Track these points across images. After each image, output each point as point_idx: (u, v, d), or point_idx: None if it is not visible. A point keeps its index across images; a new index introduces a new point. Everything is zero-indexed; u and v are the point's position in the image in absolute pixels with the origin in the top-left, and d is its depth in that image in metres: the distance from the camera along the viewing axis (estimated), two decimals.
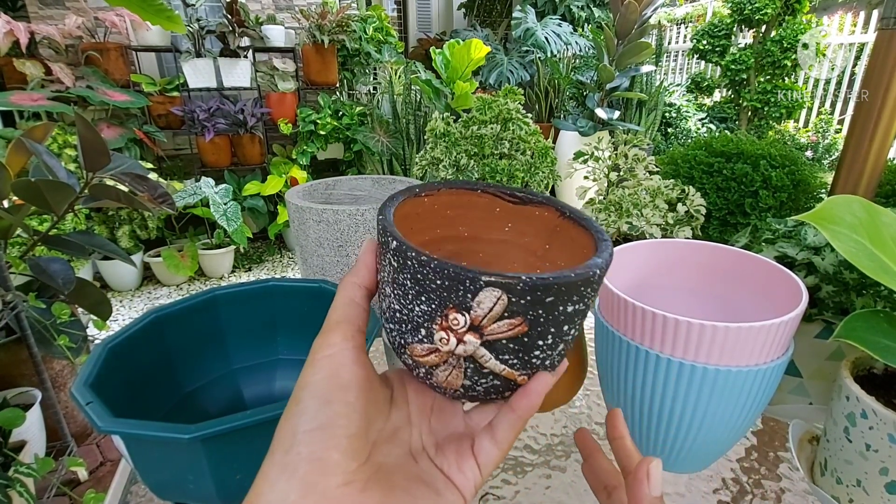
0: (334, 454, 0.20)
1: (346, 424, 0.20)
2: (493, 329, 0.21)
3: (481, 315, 0.21)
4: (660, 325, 0.37)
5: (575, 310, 0.22)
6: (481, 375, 0.23)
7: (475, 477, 0.24)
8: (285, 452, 0.20)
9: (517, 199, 0.29)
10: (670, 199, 0.70)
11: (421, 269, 0.21)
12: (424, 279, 0.21)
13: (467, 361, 0.22)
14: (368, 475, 0.20)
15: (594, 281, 0.22)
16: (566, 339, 0.23)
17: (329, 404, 0.21)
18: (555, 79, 3.45)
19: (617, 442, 0.30)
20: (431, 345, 0.22)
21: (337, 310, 0.24)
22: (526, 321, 0.21)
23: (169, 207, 1.01)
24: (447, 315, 0.21)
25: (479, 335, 0.21)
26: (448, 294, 0.21)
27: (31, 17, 2.79)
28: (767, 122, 4.02)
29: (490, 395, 0.24)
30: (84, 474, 0.96)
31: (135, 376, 0.46)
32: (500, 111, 0.68)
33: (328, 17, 2.92)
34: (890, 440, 0.35)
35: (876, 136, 0.64)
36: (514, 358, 0.22)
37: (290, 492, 0.19)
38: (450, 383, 0.23)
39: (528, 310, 0.21)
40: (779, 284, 0.42)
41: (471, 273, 0.20)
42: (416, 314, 0.22)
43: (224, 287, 0.55)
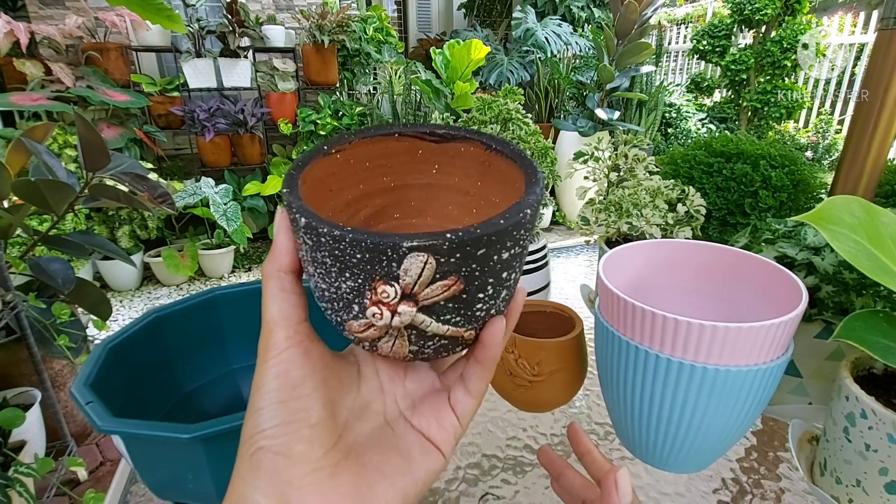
0: (297, 445, 0.20)
1: (306, 417, 0.21)
2: (428, 293, 0.20)
3: (411, 283, 0.19)
4: (660, 325, 0.37)
5: (511, 255, 0.21)
6: (426, 339, 0.22)
7: (455, 429, 0.24)
8: (250, 456, 0.20)
9: (438, 136, 0.27)
10: (670, 200, 0.70)
11: (337, 245, 0.19)
12: (343, 255, 0.19)
13: (408, 329, 0.21)
14: (338, 459, 0.21)
15: (526, 222, 0.21)
16: (507, 284, 0.22)
17: (284, 403, 0.21)
18: (555, 79, 3.45)
19: (586, 457, 0.31)
20: (367, 320, 0.21)
21: (270, 305, 0.23)
22: (461, 279, 0.20)
23: (169, 207, 1.01)
24: (375, 289, 0.20)
25: (413, 303, 0.20)
26: (372, 267, 0.19)
27: (31, 17, 2.79)
28: (767, 123, 4.02)
29: (441, 353, 0.23)
30: (84, 474, 0.96)
31: (135, 376, 0.46)
32: (500, 111, 0.68)
33: (328, 17, 2.92)
34: (889, 440, 0.35)
35: (876, 137, 0.64)
36: (457, 316, 0.21)
37: (259, 486, 0.19)
38: (396, 352, 0.22)
39: (461, 267, 0.19)
40: (779, 284, 0.42)
41: (390, 241, 0.18)
42: (343, 291, 0.21)
43: (224, 287, 0.55)
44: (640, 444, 0.44)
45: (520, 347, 0.49)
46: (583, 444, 0.31)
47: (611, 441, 0.52)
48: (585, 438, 0.31)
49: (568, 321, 0.54)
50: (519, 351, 0.49)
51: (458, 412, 0.24)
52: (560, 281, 0.93)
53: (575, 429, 0.32)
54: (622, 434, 0.47)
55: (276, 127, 2.98)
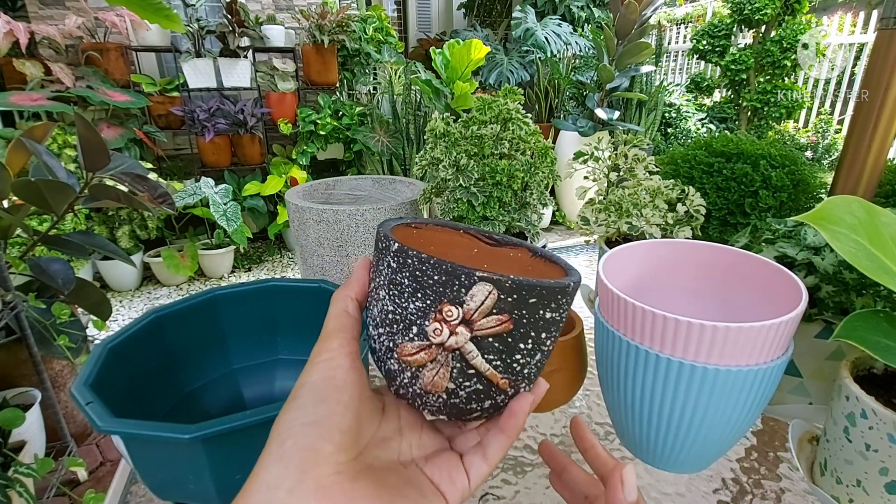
0: (327, 446, 0.21)
1: (340, 421, 0.22)
2: (483, 324, 0.23)
3: (473, 308, 0.22)
4: (660, 325, 0.37)
5: (552, 318, 0.24)
6: (466, 377, 0.24)
7: (464, 489, 0.25)
8: (281, 444, 0.21)
9: (494, 241, 0.32)
10: (670, 199, 0.70)
11: (420, 266, 0.23)
12: (423, 275, 0.23)
13: (454, 360, 0.23)
14: (359, 468, 0.22)
15: (568, 293, 0.24)
16: (543, 349, 0.25)
17: (324, 402, 0.22)
18: (555, 79, 3.45)
19: (589, 452, 0.31)
20: (422, 341, 0.23)
21: (332, 319, 0.25)
22: (512, 319, 0.23)
23: (169, 207, 1.01)
24: (441, 309, 0.23)
25: (469, 329, 0.23)
26: (444, 289, 0.22)
27: (31, 17, 2.79)
28: (767, 123, 4.02)
29: (471, 402, 0.25)
30: (84, 474, 0.96)
31: (135, 376, 0.46)
32: (500, 111, 0.68)
33: (328, 17, 2.92)
34: (890, 440, 0.35)
35: (876, 137, 0.64)
36: (498, 359, 0.24)
37: (285, 478, 0.20)
38: (435, 385, 0.24)
39: (514, 308, 0.23)
40: (779, 284, 0.42)
41: (466, 269, 0.22)
42: (410, 311, 0.23)
43: (224, 287, 0.55)
44: (641, 444, 0.44)
45: None
46: (586, 439, 0.31)
47: (611, 441, 0.52)
48: (589, 434, 0.31)
49: (568, 321, 0.54)
50: None
51: (471, 475, 0.25)
52: None
53: (578, 423, 0.32)
54: (622, 434, 0.47)
55: (276, 127, 2.98)
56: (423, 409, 0.26)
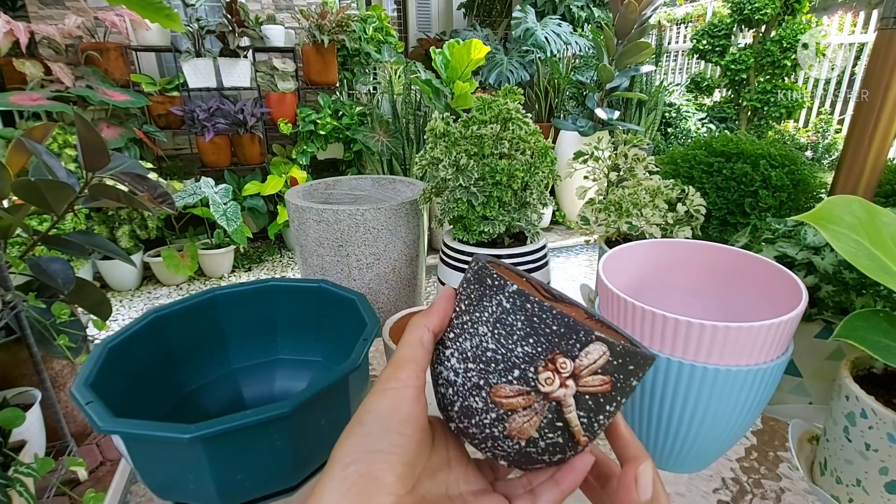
0: (389, 476, 0.21)
1: (402, 453, 0.22)
2: (588, 381, 0.23)
3: (585, 365, 0.23)
4: (660, 325, 0.37)
5: (635, 386, 0.25)
6: (553, 429, 0.24)
7: None
8: (344, 468, 0.21)
9: (552, 296, 0.33)
10: (670, 199, 0.70)
11: (539, 314, 0.23)
12: (541, 322, 0.23)
13: (550, 411, 0.23)
14: (416, 500, 0.22)
15: (650, 365, 0.25)
16: (617, 410, 0.25)
17: (389, 432, 0.22)
18: (554, 79, 3.45)
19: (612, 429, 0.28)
20: (522, 386, 0.23)
21: (405, 347, 0.25)
22: (611, 382, 0.23)
23: (169, 207, 1.01)
24: (555, 359, 0.23)
25: (576, 384, 0.23)
26: (559, 340, 0.23)
27: (30, 17, 2.79)
28: (767, 122, 4.02)
29: (545, 454, 0.25)
30: (84, 474, 0.96)
31: (135, 376, 0.46)
32: (500, 111, 0.68)
33: (328, 16, 2.91)
34: (889, 440, 0.35)
35: (876, 136, 0.64)
36: (587, 417, 0.24)
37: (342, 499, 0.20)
38: (521, 431, 0.24)
39: (615, 371, 0.23)
40: (778, 284, 0.42)
41: (586, 327, 0.23)
42: (516, 354, 0.23)
43: (224, 287, 0.55)
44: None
45: None
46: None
47: None
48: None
49: None
50: None
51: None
52: (560, 281, 0.93)
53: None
54: None
55: (276, 127, 2.98)
56: (488, 451, 0.25)
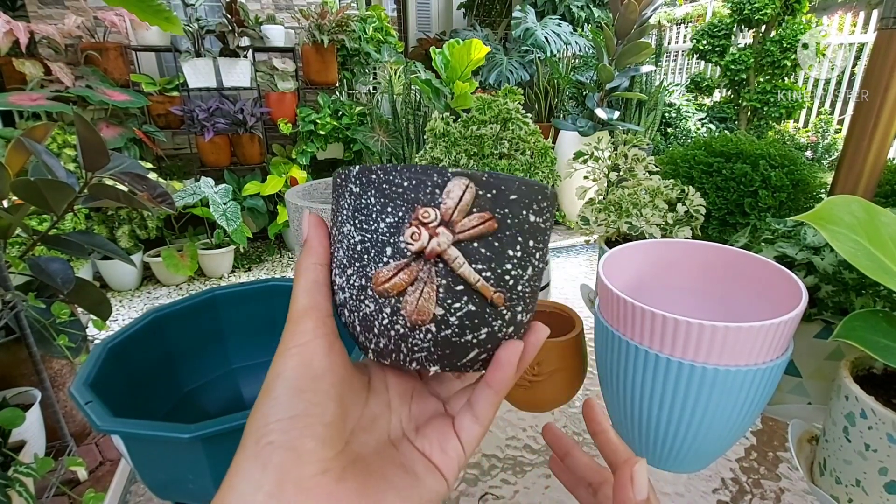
0: (309, 442, 0.19)
1: (321, 413, 0.20)
2: (465, 223, 0.21)
3: (451, 206, 0.20)
4: (659, 325, 0.37)
5: (536, 223, 0.22)
6: (455, 296, 0.21)
7: (458, 456, 0.23)
8: (256, 442, 0.19)
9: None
10: (670, 199, 0.70)
11: (387, 177, 0.21)
12: (391, 186, 0.21)
13: (440, 274, 0.21)
14: (345, 463, 0.20)
15: (548, 196, 0.23)
16: (533, 262, 0.23)
17: (302, 393, 0.20)
18: (554, 79, 3.45)
19: (600, 436, 0.29)
20: (399, 261, 0.21)
21: (301, 296, 0.22)
22: (495, 218, 0.21)
23: (168, 207, 1.01)
24: (417, 213, 0.20)
25: (451, 231, 0.20)
26: (416, 194, 0.21)
27: (30, 17, 2.78)
28: (767, 122, 4.02)
29: (465, 332, 0.22)
30: (83, 474, 0.96)
31: (134, 376, 0.46)
32: (500, 111, 0.68)
33: (328, 16, 2.91)
34: (889, 440, 0.35)
35: (875, 137, 0.64)
36: (488, 268, 0.21)
37: (263, 482, 0.18)
38: (421, 311, 0.21)
39: (496, 206, 0.21)
40: (778, 284, 0.42)
41: (438, 168, 0.20)
42: (381, 231, 0.21)
43: (224, 287, 0.55)
44: (640, 444, 0.44)
45: None
46: (599, 422, 0.29)
47: None
48: (602, 416, 0.29)
49: (568, 321, 0.54)
50: None
51: (463, 439, 0.23)
52: (560, 281, 0.93)
53: (592, 405, 0.30)
54: (622, 433, 0.47)
55: (276, 127, 2.98)
56: (412, 362, 0.22)
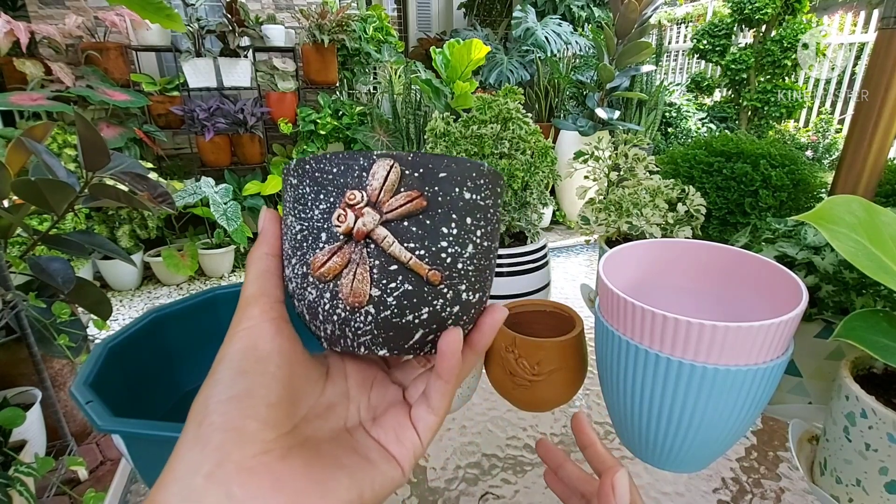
0: (251, 423, 0.19)
1: (265, 394, 0.20)
2: (392, 203, 0.20)
3: (377, 187, 0.20)
4: (659, 325, 0.37)
5: (472, 199, 0.22)
6: (389, 276, 0.21)
7: (415, 445, 0.23)
8: (198, 425, 0.19)
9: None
10: (670, 199, 0.70)
11: (318, 166, 0.21)
12: (322, 174, 0.21)
13: (372, 256, 0.21)
14: (290, 444, 0.19)
15: (484, 173, 0.22)
16: (473, 239, 0.22)
17: (245, 374, 0.20)
18: (555, 78, 3.45)
19: (589, 449, 0.30)
20: (332, 245, 0.21)
21: (251, 284, 0.23)
22: (423, 196, 0.21)
23: (169, 207, 1.01)
24: (345, 196, 0.21)
25: (378, 211, 0.20)
26: (345, 179, 0.21)
27: (31, 17, 2.79)
28: (767, 122, 4.01)
29: (405, 313, 0.21)
30: (84, 473, 0.97)
31: (135, 375, 0.46)
32: (500, 111, 0.68)
33: (328, 16, 2.91)
34: (889, 440, 0.35)
35: (876, 136, 0.64)
36: (421, 246, 0.21)
37: (202, 463, 0.18)
38: (356, 293, 0.21)
39: (424, 185, 0.21)
40: (779, 284, 0.42)
41: (364, 153, 0.21)
42: (316, 219, 0.21)
43: (224, 287, 0.55)
44: (640, 444, 0.44)
45: (520, 347, 0.49)
46: (587, 435, 0.30)
47: (611, 441, 0.52)
48: (590, 430, 0.31)
49: (568, 321, 0.54)
50: (519, 350, 0.49)
51: (419, 429, 0.24)
52: (560, 280, 0.93)
53: (579, 419, 0.31)
54: (622, 434, 0.47)
55: (276, 126, 2.98)
56: (359, 347, 0.22)
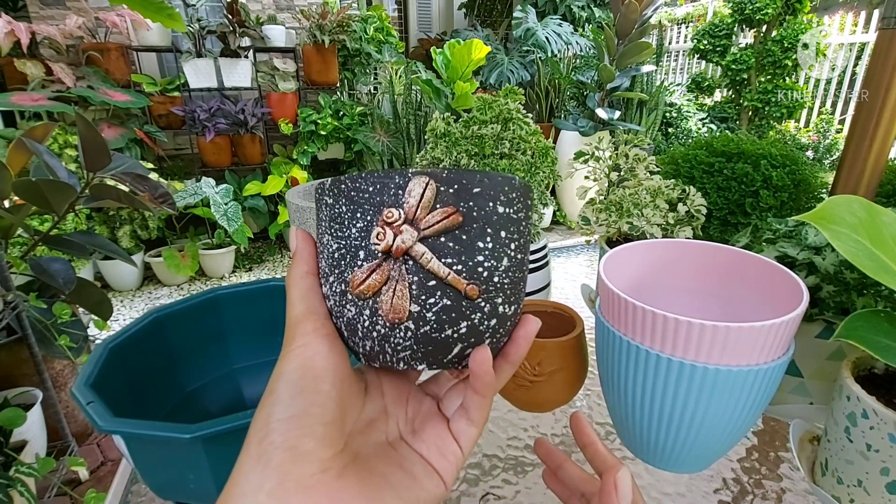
0: (309, 442, 0.19)
1: (321, 413, 0.20)
2: (429, 220, 0.21)
3: (414, 204, 0.21)
4: (660, 325, 0.37)
5: (506, 213, 0.22)
6: (428, 291, 0.21)
7: (457, 458, 0.24)
8: (259, 442, 0.20)
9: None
10: (671, 199, 0.70)
11: (354, 185, 0.22)
12: (358, 193, 0.22)
13: (410, 272, 0.21)
14: (345, 462, 0.20)
15: (516, 187, 0.23)
16: (508, 252, 0.22)
17: (303, 393, 0.20)
18: (555, 79, 3.45)
19: (589, 449, 0.30)
20: (370, 262, 0.21)
21: (297, 303, 0.23)
22: (459, 212, 0.21)
23: (169, 207, 1.01)
24: (383, 214, 0.21)
25: (416, 228, 0.21)
26: (381, 197, 0.21)
27: (31, 18, 2.79)
28: (768, 122, 4.01)
29: (444, 327, 0.22)
30: (85, 474, 0.97)
31: (135, 376, 0.46)
32: (501, 111, 0.68)
33: (329, 17, 2.92)
34: (891, 440, 0.35)
35: (876, 137, 0.64)
36: (458, 261, 0.21)
37: (264, 481, 0.18)
38: (396, 309, 0.21)
39: (459, 200, 0.21)
40: (779, 284, 0.42)
41: (399, 171, 0.21)
42: (353, 237, 0.22)
43: (225, 287, 0.55)
44: (641, 444, 0.44)
45: None
46: (586, 434, 0.30)
47: (611, 441, 0.52)
48: (589, 429, 0.30)
49: (568, 321, 0.54)
50: None
51: (461, 441, 0.24)
52: (561, 280, 0.93)
53: (579, 419, 0.31)
54: (623, 434, 0.47)
55: (277, 127, 2.98)
56: (398, 362, 0.22)
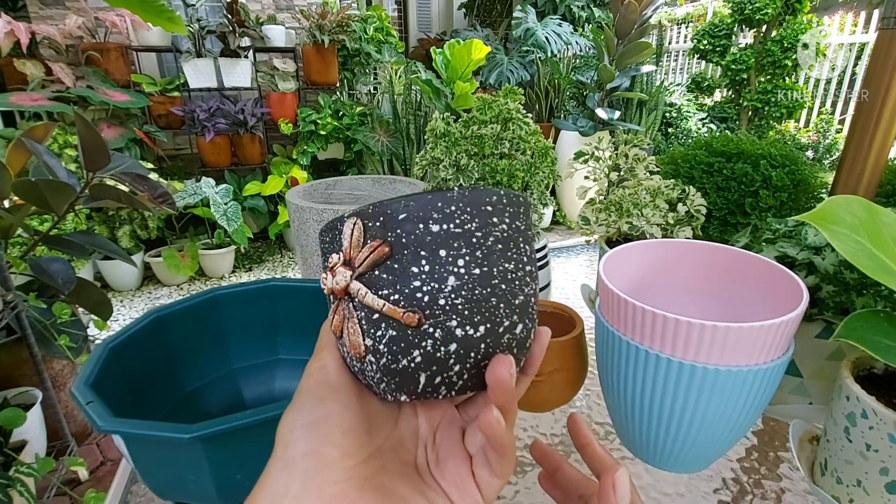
0: (331, 450, 0.21)
1: (339, 421, 0.22)
2: (360, 257, 0.21)
3: (347, 246, 0.22)
4: (660, 325, 0.37)
5: (445, 230, 0.20)
6: (375, 326, 0.21)
7: (476, 502, 0.24)
8: (285, 448, 0.21)
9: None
10: (671, 199, 0.70)
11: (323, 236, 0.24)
12: (322, 243, 0.24)
13: (357, 309, 0.22)
14: (367, 475, 0.21)
15: (452, 201, 0.21)
16: (456, 269, 0.21)
17: (323, 402, 0.22)
18: (555, 79, 3.45)
19: (586, 450, 0.30)
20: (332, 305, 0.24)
21: (323, 335, 0.26)
22: (386, 242, 0.21)
23: (169, 207, 1.01)
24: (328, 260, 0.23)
25: (350, 267, 0.22)
26: (332, 245, 0.23)
27: (31, 18, 2.79)
28: (768, 122, 4.01)
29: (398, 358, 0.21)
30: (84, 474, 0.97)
31: (135, 376, 0.46)
32: (501, 111, 0.68)
33: (328, 17, 2.92)
34: (890, 440, 0.35)
35: (876, 137, 0.64)
36: (394, 292, 0.21)
37: (290, 485, 0.20)
38: (354, 345, 0.22)
39: (386, 232, 0.21)
40: (779, 284, 0.42)
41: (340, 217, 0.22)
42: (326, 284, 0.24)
43: (224, 287, 0.55)
44: (641, 444, 0.44)
45: None
46: (584, 435, 0.30)
47: (611, 441, 0.52)
48: (586, 430, 0.30)
49: (568, 321, 0.54)
50: None
51: (483, 489, 0.24)
52: (560, 281, 0.93)
53: (576, 419, 0.31)
54: (623, 434, 0.47)
55: (277, 127, 2.98)
56: (386, 394, 0.23)
